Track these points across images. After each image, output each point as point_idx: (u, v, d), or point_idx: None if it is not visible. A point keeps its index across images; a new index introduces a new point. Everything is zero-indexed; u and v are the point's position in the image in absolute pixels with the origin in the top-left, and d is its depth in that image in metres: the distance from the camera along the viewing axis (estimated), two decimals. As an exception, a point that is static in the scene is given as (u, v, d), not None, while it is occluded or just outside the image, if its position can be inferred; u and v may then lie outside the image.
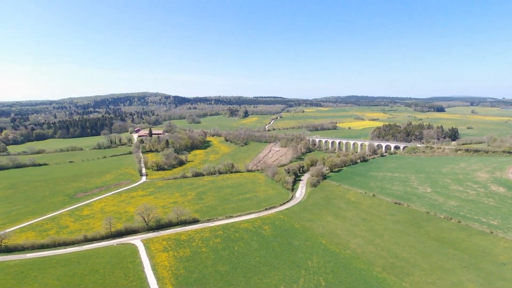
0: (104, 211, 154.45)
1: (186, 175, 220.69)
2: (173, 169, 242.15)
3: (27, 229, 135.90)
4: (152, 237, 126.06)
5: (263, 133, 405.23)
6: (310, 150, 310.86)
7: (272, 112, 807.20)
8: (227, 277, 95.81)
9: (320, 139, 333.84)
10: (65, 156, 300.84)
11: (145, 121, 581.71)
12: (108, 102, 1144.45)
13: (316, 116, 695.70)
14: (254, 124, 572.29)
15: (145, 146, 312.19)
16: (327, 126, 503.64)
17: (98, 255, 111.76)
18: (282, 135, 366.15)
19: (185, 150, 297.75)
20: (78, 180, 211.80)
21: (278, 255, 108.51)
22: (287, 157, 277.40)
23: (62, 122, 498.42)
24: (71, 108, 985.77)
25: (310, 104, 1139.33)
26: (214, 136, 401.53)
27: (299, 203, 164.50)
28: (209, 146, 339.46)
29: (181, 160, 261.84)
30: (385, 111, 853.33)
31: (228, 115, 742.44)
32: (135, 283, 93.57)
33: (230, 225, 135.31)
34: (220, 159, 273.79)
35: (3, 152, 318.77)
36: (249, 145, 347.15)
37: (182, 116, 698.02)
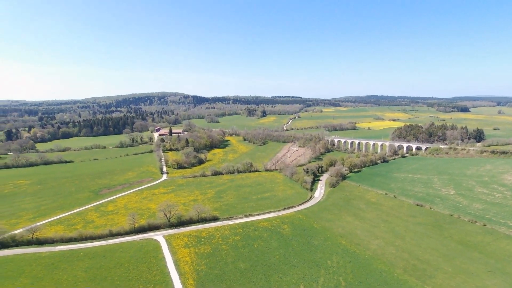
0: (128, 207, 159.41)
1: (206, 174, 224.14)
2: (193, 168, 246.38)
3: (56, 223, 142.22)
4: (173, 233, 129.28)
5: (281, 133, 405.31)
6: (329, 150, 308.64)
7: (290, 112, 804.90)
8: (247, 274, 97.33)
9: (339, 139, 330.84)
10: (89, 153, 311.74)
11: (165, 120, 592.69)
12: (129, 101, 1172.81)
13: (334, 116, 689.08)
14: (272, 123, 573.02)
15: (166, 144, 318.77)
16: (346, 126, 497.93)
17: (123, 250, 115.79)
18: (301, 135, 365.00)
19: (204, 149, 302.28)
20: (102, 177, 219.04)
21: (298, 254, 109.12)
22: (305, 157, 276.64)
23: (86, 121, 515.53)
24: (94, 107, 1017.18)
25: (329, 104, 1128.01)
26: (232, 135, 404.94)
27: (318, 203, 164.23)
28: (228, 146, 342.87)
29: (201, 159, 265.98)
30: (406, 111, 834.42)
31: (246, 114, 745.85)
32: (159, 277, 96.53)
33: (250, 223, 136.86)
34: (239, 158, 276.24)
35: (31, 150, 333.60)
36: (267, 144, 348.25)
37: (201, 116, 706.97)
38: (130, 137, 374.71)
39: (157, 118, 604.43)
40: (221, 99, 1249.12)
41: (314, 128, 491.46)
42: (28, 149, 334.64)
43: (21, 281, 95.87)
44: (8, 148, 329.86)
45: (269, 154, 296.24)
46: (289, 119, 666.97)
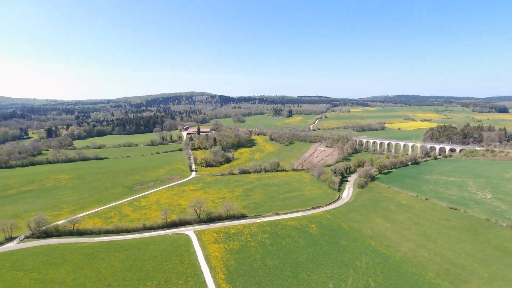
0: (159, 203, 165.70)
1: (233, 172, 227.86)
2: (221, 166, 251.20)
3: (93, 215, 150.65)
4: (203, 229, 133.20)
5: (308, 133, 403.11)
6: (357, 151, 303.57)
7: (316, 111, 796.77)
8: (276, 271, 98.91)
9: (367, 140, 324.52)
10: (122, 151, 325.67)
11: (193, 119, 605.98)
12: (159, 101, 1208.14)
13: (363, 116, 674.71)
14: (298, 123, 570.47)
15: (194, 143, 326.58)
16: (375, 127, 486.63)
17: (156, 243, 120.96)
18: (328, 135, 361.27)
19: (232, 148, 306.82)
20: (135, 174, 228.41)
21: (326, 254, 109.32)
22: (333, 157, 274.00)
23: (119, 120, 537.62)
24: (126, 106, 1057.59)
25: (356, 103, 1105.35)
26: (259, 135, 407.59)
27: (346, 203, 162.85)
28: (254, 145, 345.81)
29: (228, 157, 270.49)
30: (438, 112, 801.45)
31: (272, 114, 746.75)
32: (190, 270, 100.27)
33: (277, 221, 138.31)
34: (265, 157, 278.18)
35: (70, 146, 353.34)
36: (293, 144, 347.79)
37: (228, 115, 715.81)
38: (160, 135, 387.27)
39: (185, 117, 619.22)
40: (247, 99, 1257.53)
41: (341, 128, 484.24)
42: (66, 146, 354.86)
43: (65, 268, 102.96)
44: (49, 144, 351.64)
45: (296, 154, 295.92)
46: (315, 119, 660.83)
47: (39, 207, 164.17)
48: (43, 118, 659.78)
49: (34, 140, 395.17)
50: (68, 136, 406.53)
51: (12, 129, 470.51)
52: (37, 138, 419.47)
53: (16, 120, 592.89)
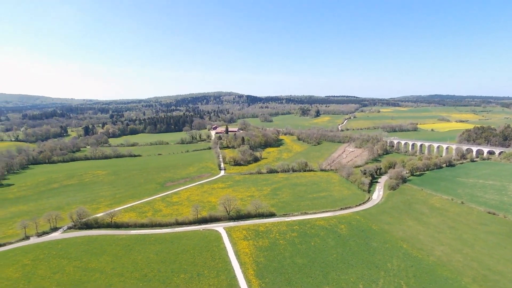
0: (190, 200, 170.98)
1: (261, 171, 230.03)
2: (249, 165, 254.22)
3: (129, 210, 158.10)
4: (233, 225, 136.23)
5: (336, 133, 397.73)
6: (388, 152, 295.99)
7: (345, 111, 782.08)
8: (305, 269, 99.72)
9: (399, 141, 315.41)
10: (154, 149, 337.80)
11: (221, 119, 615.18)
12: (188, 101, 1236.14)
13: (393, 117, 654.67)
14: (326, 123, 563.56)
15: (223, 142, 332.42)
16: (407, 127, 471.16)
17: (188, 238, 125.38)
18: (357, 135, 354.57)
19: (259, 147, 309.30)
20: (167, 171, 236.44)
21: (355, 254, 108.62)
22: (362, 158, 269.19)
23: (151, 119, 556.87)
24: (157, 106, 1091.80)
25: (387, 103, 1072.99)
26: (286, 134, 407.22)
27: (376, 205, 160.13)
28: (282, 144, 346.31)
29: (256, 156, 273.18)
30: (476, 112, 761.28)
31: (299, 114, 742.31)
32: (221, 265, 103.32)
33: (306, 221, 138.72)
34: (293, 157, 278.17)
35: (105, 144, 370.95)
36: (321, 144, 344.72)
37: (255, 115, 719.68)
38: (190, 134, 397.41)
39: (213, 117, 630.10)
40: (274, 99, 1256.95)
41: (371, 129, 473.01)
42: (102, 143, 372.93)
43: (104, 258, 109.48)
44: (86, 142, 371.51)
45: (324, 154, 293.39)
46: (344, 119, 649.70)
47: (79, 200, 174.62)
48: (80, 117, 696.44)
49: (73, 137, 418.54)
50: (103, 134, 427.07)
51: (53, 127, 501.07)
52: (76, 135, 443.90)
53: (56, 119, 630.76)
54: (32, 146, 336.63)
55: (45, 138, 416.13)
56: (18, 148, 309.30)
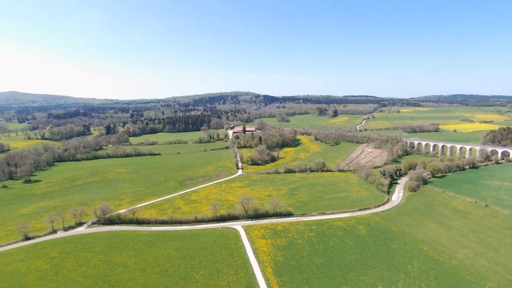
0: (209, 198, 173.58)
1: (279, 171, 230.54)
2: (266, 165, 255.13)
3: (150, 207, 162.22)
4: (251, 224, 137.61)
5: (354, 133, 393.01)
6: (408, 153, 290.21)
7: (363, 111, 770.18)
8: (323, 269, 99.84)
9: (419, 142, 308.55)
10: (173, 148, 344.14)
11: (238, 118, 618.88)
12: (205, 100, 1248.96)
13: (413, 117, 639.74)
14: (344, 123, 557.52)
15: (240, 141, 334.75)
16: (427, 128, 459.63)
17: (207, 235, 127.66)
18: (376, 135, 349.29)
19: (277, 147, 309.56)
20: (185, 170, 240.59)
21: (375, 255, 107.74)
22: (381, 158, 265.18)
23: (169, 118, 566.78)
24: (175, 106, 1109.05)
25: (407, 103, 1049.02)
26: (303, 134, 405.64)
27: (396, 206, 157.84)
28: (299, 144, 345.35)
29: (273, 156, 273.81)
30: (501, 113, 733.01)
31: (317, 114, 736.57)
32: (240, 263, 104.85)
33: (324, 221, 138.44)
34: (311, 157, 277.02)
35: (126, 142, 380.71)
36: (339, 144, 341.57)
37: (272, 115, 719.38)
38: (207, 133, 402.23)
39: (230, 116, 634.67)
40: (291, 99, 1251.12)
41: (390, 129, 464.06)
42: (123, 142, 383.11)
43: (127, 253, 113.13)
44: (108, 140, 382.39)
45: (342, 155, 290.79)
46: (362, 119, 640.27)
47: (102, 196, 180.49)
48: (102, 116, 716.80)
49: (95, 136, 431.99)
50: (124, 133, 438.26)
51: (77, 126, 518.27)
52: (98, 134, 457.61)
53: (79, 118, 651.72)
54: (57, 144, 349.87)
55: (69, 137, 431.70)
56: (44, 146, 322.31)
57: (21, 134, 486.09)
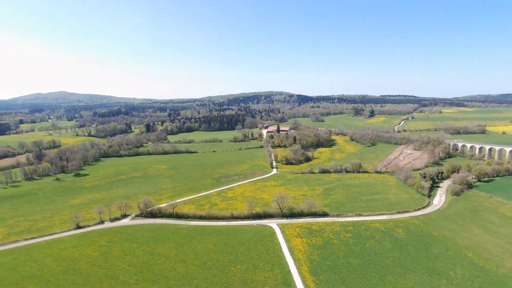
0: (244, 196, 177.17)
1: (313, 171, 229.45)
2: (300, 164, 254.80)
3: (188, 202, 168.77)
4: (286, 223, 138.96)
5: (392, 134, 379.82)
6: (450, 156, 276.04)
7: (402, 112, 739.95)
8: (360, 270, 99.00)
9: (463, 144, 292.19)
10: (209, 146, 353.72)
11: (272, 118, 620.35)
12: (239, 100, 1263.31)
13: (457, 118, 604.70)
14: (381, 124, 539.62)
15: (274, 141, 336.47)
16: (473, 130, 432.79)
17: (243, 231, 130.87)
18: (416, 137, 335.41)
19: (311, 147, 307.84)
20: (221, 167, 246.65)
21: (414, 260, 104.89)
22: (421, 161, 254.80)
23: (205, 117, 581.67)
24: (210, 105, 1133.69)
25: (450, 103, 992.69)
26: (338, 135, 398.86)
27: (437, 210, 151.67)
28: (334, 145, 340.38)
29: (308, 156, 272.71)
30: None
31: (352, 114, 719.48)
32: (275, 260, 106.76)
33: (360, 222, 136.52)
34: (346, 158, 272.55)
35: (164, 140, 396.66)
36: (376, 145, 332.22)
37: (306, 115, 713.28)
38: (242, 133, 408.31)
39: (264, 116, 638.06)
40: (326, 98, 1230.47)
41: (431, 130, 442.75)
42: (162, 139, 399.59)
43: (168, 245, 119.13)
44: (148, 138, 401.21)
45: (379, 156, 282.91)
46: (401, 119, 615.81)
47: (144, 191, 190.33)
48: (142, 115, 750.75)
49: (136, 134, 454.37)
50: (163, 131, 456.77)
51: (119, 124, 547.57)
52: (139, 132, 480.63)
53: (121, 116, 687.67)
54: (102, 141, 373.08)
55: (112, 134, 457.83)
56: (91, 142, 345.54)
57: (70, 131, 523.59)
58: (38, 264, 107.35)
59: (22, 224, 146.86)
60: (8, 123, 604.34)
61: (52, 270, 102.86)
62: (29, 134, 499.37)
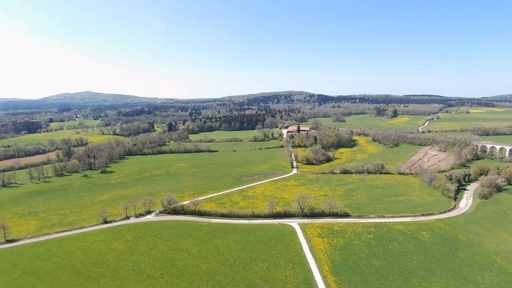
0: (265, 195, 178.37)
1: (334, 171, 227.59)
2: (321, 165, 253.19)
3: (209, 200, 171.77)
4: (306, 222, 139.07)
5: (416, 135, 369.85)
6: (478, 157, 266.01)
7: (426, 112, 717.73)
8: (383, 272, 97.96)
9: (492, 146, 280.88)
10: (229, 145, 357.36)
11: (292, 118, 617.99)
12: (259, 100, 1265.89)
13: (486, 118, 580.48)
14: (404, 124, 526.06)
15: (295, 141, 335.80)
16: (503, 131, 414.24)
17: (264, 230, 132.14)
18: (441, 138, 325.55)
19: (332, 147, 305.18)
20: (241, 166, 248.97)
21: (439, 263, 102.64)
22: (447, 162, 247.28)
23: (225, 117, 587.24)
24: (230, 105, 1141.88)
25: (478, 103, 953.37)
26: (360, 135, 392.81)
27: (464, 214, 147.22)
28: (356, 145, 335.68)
29: (329, 156, 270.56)
30: None
31: (374, 114, 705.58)
32: (296, 259, 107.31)
33: (383, 224, 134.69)
34: (368, 158, 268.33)
35: (186, 139, 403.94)
36: (399, 146, 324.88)
37: (326, 114, 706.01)
38: (262, 132, 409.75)
39: (284, 116, 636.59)
40: (347, 98, 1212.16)
41: (457, 131, 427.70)
42: (183, 138, 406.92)
43: (191, 241, 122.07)
44: (170, 137, 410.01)
45: (402, 157, 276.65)
46: (425, 120, 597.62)
47: (167, 188, 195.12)
48: (164, 114, 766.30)
49: (159, 133, 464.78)
50: (184, 130, 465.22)
51: (143, 123, 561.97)
52: (161, 131, 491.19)
53: (144, 116, 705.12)
54: (127, 139, 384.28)
55: (136, 133, 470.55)
56: (116, 141, 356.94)
57: (96, 129, 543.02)
58: (69, 255, 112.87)
59: (53, 217, 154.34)
60: (39, 121, 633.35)
61: (82, 262, 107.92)
62: (58, 132, 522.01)
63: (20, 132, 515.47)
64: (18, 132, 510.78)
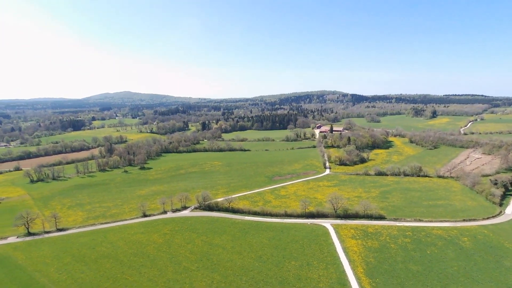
0: (297, 194, 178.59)
1: (369, 173, 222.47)
2: (355, 166, 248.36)
3: (242, 198, 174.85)
4: (340, 223, 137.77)
5: (457, 137, 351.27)
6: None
7: (469, 112, 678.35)
8: (420, 277, 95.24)
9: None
10: (261, 145, 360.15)
11: (325, 118, 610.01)
12: (291, 100, 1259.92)
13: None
14: (444, 126, 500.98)
15: (327, 141, 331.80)
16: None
17: (296, 229, 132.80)
18: (486, 140, 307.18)
19: (366, 148, 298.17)
20: (274, 166, 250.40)
21: (482, 271, 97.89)
22: (492, 166, 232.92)
23: (257, 117, 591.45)
24: (262, 104, 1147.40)
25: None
26: (396, 136, 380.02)
27: (510, 220, 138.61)
28: (391, 147, 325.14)
29: (363, 157, 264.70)
30: None
31: (411, 114, 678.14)
32: (330, 259, 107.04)
33: (420, 228, 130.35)
34: (404, 160, 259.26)
35: (219, 138, 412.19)
36: (439, 148, 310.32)
37: (360, 115, 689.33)
38: (294, 132, 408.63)
39: (317, 116, 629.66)
40: (382, 98, 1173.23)
41: (504, 133, 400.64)
42: (216, 137, 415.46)
43: (225, 237, 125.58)
44: (204, 136, 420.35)
45: (442, 160, 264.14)
46: (468, 121, 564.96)
47: (201, 185, 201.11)
48: (197, 114, 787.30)
49: (193, 131, 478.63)
50: (217, 129, 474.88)
51: (178, 122, 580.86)
52: (195, 130, 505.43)
53: (179, 115, 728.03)
54: (163, 138, 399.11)
55: (172, 131, 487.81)
56: (153, 138, 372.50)
57: (134, 128, 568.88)
58: (112, 245, 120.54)
59: (97, 210, 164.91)
60: (83, 120, 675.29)
61: (124, 252, 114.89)
62: (100, 130, 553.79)
63: (67, 129, 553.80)
64: (64, 130, 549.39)
